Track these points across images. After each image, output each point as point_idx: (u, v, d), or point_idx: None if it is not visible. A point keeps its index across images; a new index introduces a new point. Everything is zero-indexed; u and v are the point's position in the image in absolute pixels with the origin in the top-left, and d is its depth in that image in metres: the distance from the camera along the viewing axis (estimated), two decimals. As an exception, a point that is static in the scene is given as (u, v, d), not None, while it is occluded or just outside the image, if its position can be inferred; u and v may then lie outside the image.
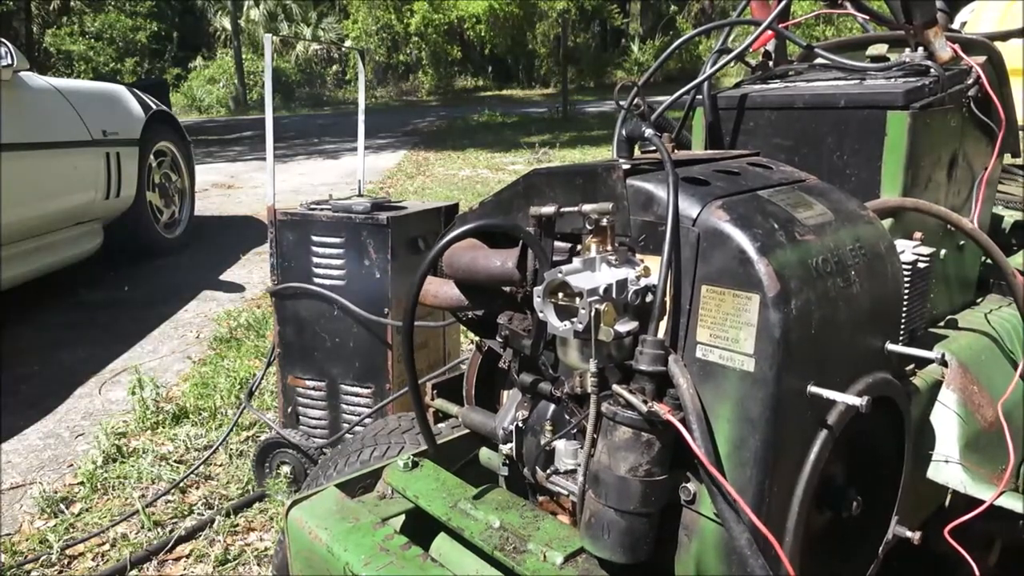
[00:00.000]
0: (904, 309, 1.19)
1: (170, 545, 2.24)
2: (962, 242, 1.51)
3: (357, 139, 2.94)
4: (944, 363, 1.25)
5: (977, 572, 1.11)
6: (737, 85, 1.62)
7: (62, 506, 2.48)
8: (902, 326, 1.21)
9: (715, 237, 0.91)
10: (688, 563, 0.96)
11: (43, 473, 2.73)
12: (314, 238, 2.30)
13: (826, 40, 1.76)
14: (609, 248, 0.96)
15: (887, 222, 1.30)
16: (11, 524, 2.42)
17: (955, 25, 1.88)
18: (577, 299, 0.90)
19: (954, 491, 1.33)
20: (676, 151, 1.16)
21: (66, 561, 2.21)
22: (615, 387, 0.93)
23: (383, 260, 2.24)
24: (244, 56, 23.91)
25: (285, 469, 2.41)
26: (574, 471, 1.07)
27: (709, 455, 0.87)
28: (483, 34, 21.93)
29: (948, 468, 1.25)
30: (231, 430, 2.75)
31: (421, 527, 1.16)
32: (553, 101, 19.43)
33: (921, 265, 1.26)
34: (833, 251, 0.96)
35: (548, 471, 1.11)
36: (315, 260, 2.31)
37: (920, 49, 1.40)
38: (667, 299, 0.94)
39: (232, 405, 3.09)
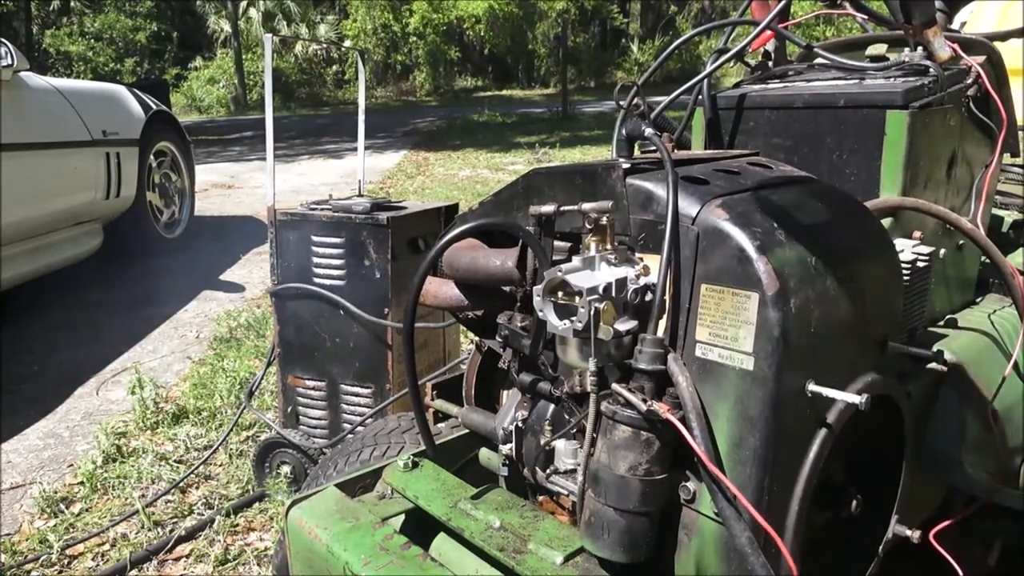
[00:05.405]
0: (904, 308, 1.19)
1: (170, 545, 2.24)
2: (961, 241, 1.51)
3: (357, 139, 2.94)
4: (943, 362, 1.25)
5: (964, 574, 1.11)
6: (737, 85, 1.62)
7: (62, 506, 2.48)
8: (901, 325, 1.21)
9: (714, 236, 0.91)
10: (688, 562, 0.96)
11: (43, 473, 2.73)
12: (314, 238, 2.30)
13: (826, 40, 1.77)
14: (609, 247, 0.96)
15: (886, 221, 1.30)
16: (11, 524, 2.42)
17: (955, 25, 1.88)
18: (577, 298, 0.91)
19: (954, 490, 1.33)
20: (676, 151, 1.16)
21: (66, 561, 2.21)
22: (614, 386, 0.93)
23: (383, 260, 2.24)
24: (244, 56, 23.90)
25: (285, 469, 2.41)
26: (574, 470, 1.07)
27: (709, 454, 0.87)
28: (483, 34, 21.92)
29: (948, 467, 1.25)
30: (231, 430, 2.75)
31: (421, 527, 1.17)
32: (553, 101, 19.41)
33: (920, 264, 1.26)
34: (832, 250, 0.96)
35: (548, 471, 1.11)
36: (315, 260, 2.31)
37: (919, 49, 1.40)
38: (666, 298, 0.94)
39: (232, 405, 3.10)
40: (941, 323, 1.46)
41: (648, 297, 0.95)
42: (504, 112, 17.02)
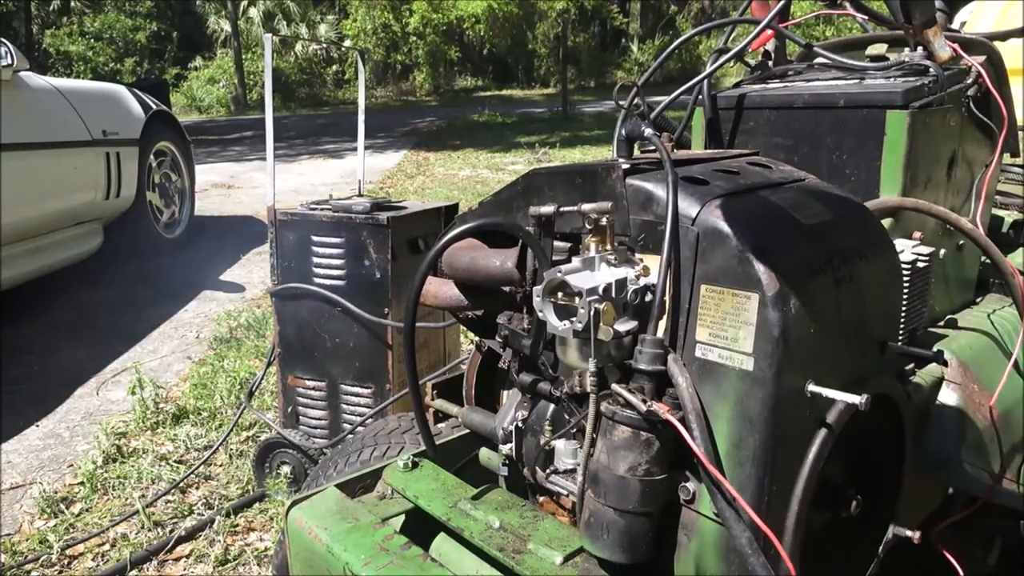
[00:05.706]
0: (903, 308, 1.19)
1: (170, 545, 2.24)
2: (961, 242, 1.51)
3: (357, 139, 2.94)
4: (943, 362, 1.25)
5: (963, 574, 1.11)
6: (737, 85, 1.62)
7: (62, 506, 2.48)
8: (902, 325, 1.22)
9: (714, 236, 0.91)
10: (687, 562, 0.96)
11: (43, 473, 2.73)
12: (314, 238, 2.30)
13: (826, 40, 1.77)
14: (608, 247, 0.96)
15: (886, 221, 1.30)
16: (11, 524, 2.42)
17: (955, 25, 1.88)
18: (576, 298, 0.90)
19: (954, 490, 1.33)
20: (676, 151, 1.16)
21: (66, 561, 2.21)
22: (614, 386, 0.93)
23: (383, 260, 2.24)
24: (244, 56, 23.88)
25: (285, 469, 2.41)
26: (573, 471, 1.07)
27: (708, 454, 0.87)
28: (483, 34, 21.90)
29: (948, 467, 1.25)
30: (231, 430, 2.75)
31: (421, 527, 1.16)
32: (553, 101, 19.41)
33: (920, 265, 1.26)
34: (832, 250, 0.96)
35: (547, 471, 1.11)
36: (315, 260, 2.31)
37: (919, 49, 1.40)
38: (666, 298, 0.94)
39: (232, 405, 3.10)
40: (941, 323, 1.46)
41: (648, 298, 0.95)
42: (504, 112, 17.02)
